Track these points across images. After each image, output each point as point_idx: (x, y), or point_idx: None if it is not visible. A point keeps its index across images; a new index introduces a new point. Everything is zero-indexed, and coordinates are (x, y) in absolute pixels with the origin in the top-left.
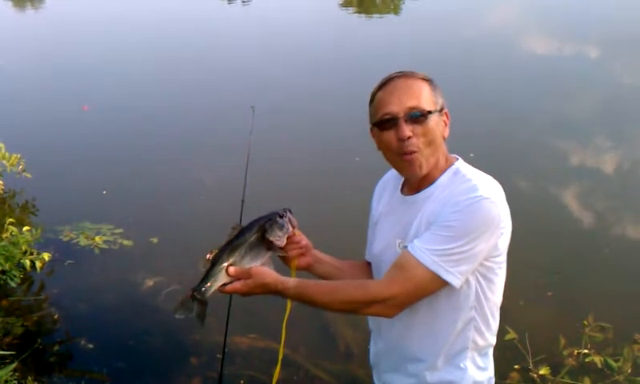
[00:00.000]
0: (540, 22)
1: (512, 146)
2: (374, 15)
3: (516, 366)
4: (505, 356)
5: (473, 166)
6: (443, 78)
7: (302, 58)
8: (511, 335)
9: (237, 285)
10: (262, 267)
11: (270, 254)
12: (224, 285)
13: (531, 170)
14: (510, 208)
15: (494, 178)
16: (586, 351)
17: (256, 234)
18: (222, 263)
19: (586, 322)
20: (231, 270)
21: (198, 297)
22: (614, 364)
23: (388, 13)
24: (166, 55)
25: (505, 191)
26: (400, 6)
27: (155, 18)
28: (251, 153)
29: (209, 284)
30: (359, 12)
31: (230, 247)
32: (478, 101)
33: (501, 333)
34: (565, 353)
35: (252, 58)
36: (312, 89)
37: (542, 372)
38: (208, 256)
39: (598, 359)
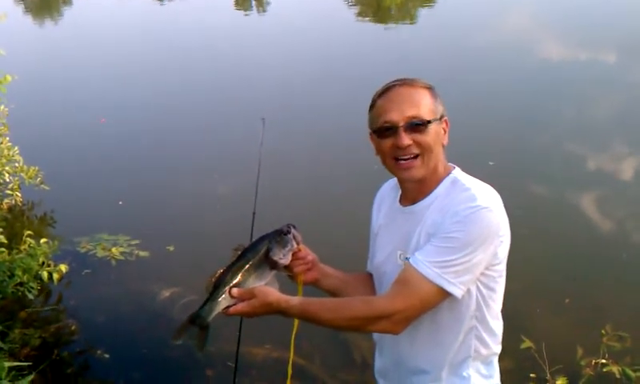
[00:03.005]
0: (558, 27)
1: (530, 153)
2: (390, 24)
3: (532, 375)
4: (522, 366)
5: (493, 174)
6: (460, 86)
7: (316, 67)
8: (527, 344)
9: (240, 306)
10: (265, 287)
11: (274, 272)
12: (227, 307)
13: (550, 176)
14: (527, 214)
15: (513, 184)
16: (603, 361)
17: (259, 253)
18: (225, 285)
19: (603, 331)
20: (234, 291)
21: (199, 322)
22: (632, 374)
23: (404, 21)
24: (181, 66)
25: (523, 198)
26: (416, 14)
27: (171, 29)
28: (265, 163)
29: (211, 308)
30: (374, 21)
31: (232, 269)
32: (496, 109)
33: (517, 341)
34: (582, 363)
35: (266, 67)
36: (326, 97)
37: (559, 382)
38: (212, 279)
39: (616, 369)
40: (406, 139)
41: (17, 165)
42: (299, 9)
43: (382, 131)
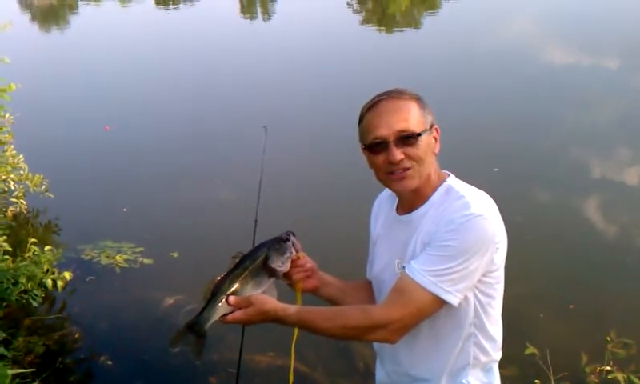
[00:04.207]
0: (562, 33)
1: (535, 159)
2: (395, 30)
3: (536, 382)
4: (526, 372)
5: (498, 180)
6: (465, 93)
7: (319, 74)
8: (531, 350)
9: (237, 314)
10: (262, 295)
11: (272, 280)
12: (225, 315)
13: (555, 182)
14: (531, 220)
15: (518, 190)
16: (608, 368)
17: (257, 261)
18: (223, 293)
19: (608, 338)
20: (231, 299)
21: (196, 329)
22: (637, 381)
23: (408, 27)
24: (184, 74)
25: (528, 204)
26: (420, 20)
27: (176, 36)
28: (267, 170)
29: (208, 315)
30: (379, 27)
31: (230, 276)
32: (501, 115)
33: (521, 348)
34: (587, 370)
35: (269, 74)
36: (329, 104)
37: None
38: (210, 286)
39: (620, 376)
40: (397, 154)
41: (22, 172)
42: (304, 16)
43: (373, 147)
